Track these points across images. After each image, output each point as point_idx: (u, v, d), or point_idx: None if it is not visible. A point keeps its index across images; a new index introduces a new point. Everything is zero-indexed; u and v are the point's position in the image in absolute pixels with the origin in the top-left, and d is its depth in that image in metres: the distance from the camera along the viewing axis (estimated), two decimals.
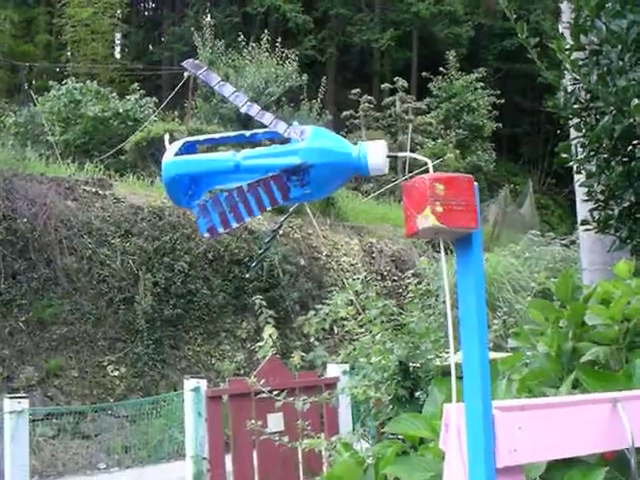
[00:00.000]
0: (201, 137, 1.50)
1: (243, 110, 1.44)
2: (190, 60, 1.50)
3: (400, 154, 1.54)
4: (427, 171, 1.33)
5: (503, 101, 28.77)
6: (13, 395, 6.95)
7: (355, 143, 1.41)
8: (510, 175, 33.16)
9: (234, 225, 1.37)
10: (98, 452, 10.28)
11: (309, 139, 1.39)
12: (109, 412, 10.72)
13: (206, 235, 1.39)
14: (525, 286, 10.49)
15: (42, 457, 9.71)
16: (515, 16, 4.20)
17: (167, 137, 1.50)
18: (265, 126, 1.45)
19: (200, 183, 1.46)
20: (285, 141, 1.42)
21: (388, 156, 1.38)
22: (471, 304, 1.33)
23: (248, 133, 1.54)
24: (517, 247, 13.15)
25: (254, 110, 1.44)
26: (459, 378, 1.37)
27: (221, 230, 1.38)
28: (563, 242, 13.90)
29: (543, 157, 35.11)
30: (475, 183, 1.32)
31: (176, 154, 1.44)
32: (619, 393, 1.62)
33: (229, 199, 1.35)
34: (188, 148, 1.48)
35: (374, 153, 1.37)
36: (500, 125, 28.47)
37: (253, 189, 1.35)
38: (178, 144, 1.47)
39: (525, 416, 1.35)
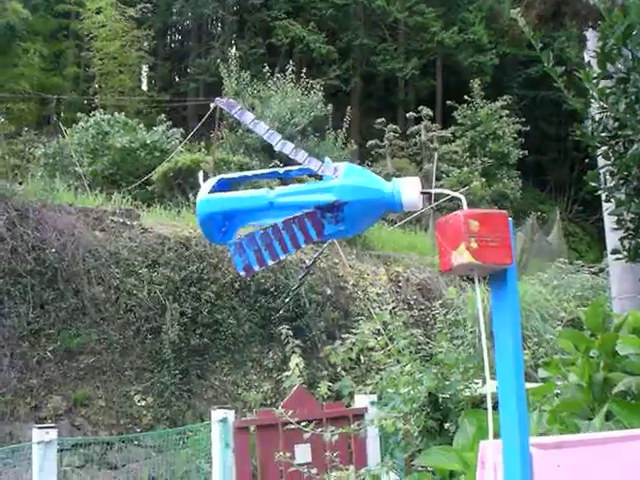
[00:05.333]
0: (235, 174, 1.50)
1: (277, 148, 1.44)
2: (224, 99, 1.51)
3: (433, 190, 1.54)
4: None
5: (528, 128, 28.62)
6: (41, 425, 6.95)
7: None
8: (537, 202, 32.92)
9: (269, 262, 1.37)
10: None
11: (343, 176, 1.38)
12: (136, 442, 10.69)
13: (242, 273, 1.38)
14: (554, 314, 10.38)
15: None
16: (541, 45, 4.20)
17: (201, 174, 1.51)
18: (298, 162, 1.45)
19: (234, 220, 1.45)
20: (318, 178, 1.42)
21: (422, 192, 1.37)
22: (507, 339, 1.30)
23: (282, 170, 1.53)
24: (545, 275, 13.06)
25: (288, 148, 1.43)
26: (493, 409, 1.35)
27: (257, 268, 1.37)
28: (592, 270, 13.79)
29: (570, 184, 34.87)
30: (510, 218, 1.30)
31: (210, 191, 1.45)
32: None
33: (264, 237, 1.34)
34: (222, 185, 1.48)
35: (409, 190, 1.36)
36: (526, 152, 28.26)
37: (288, 226, 1.34)
38: (212, 181, 1.47)
39: (563, 453, 1.32)
